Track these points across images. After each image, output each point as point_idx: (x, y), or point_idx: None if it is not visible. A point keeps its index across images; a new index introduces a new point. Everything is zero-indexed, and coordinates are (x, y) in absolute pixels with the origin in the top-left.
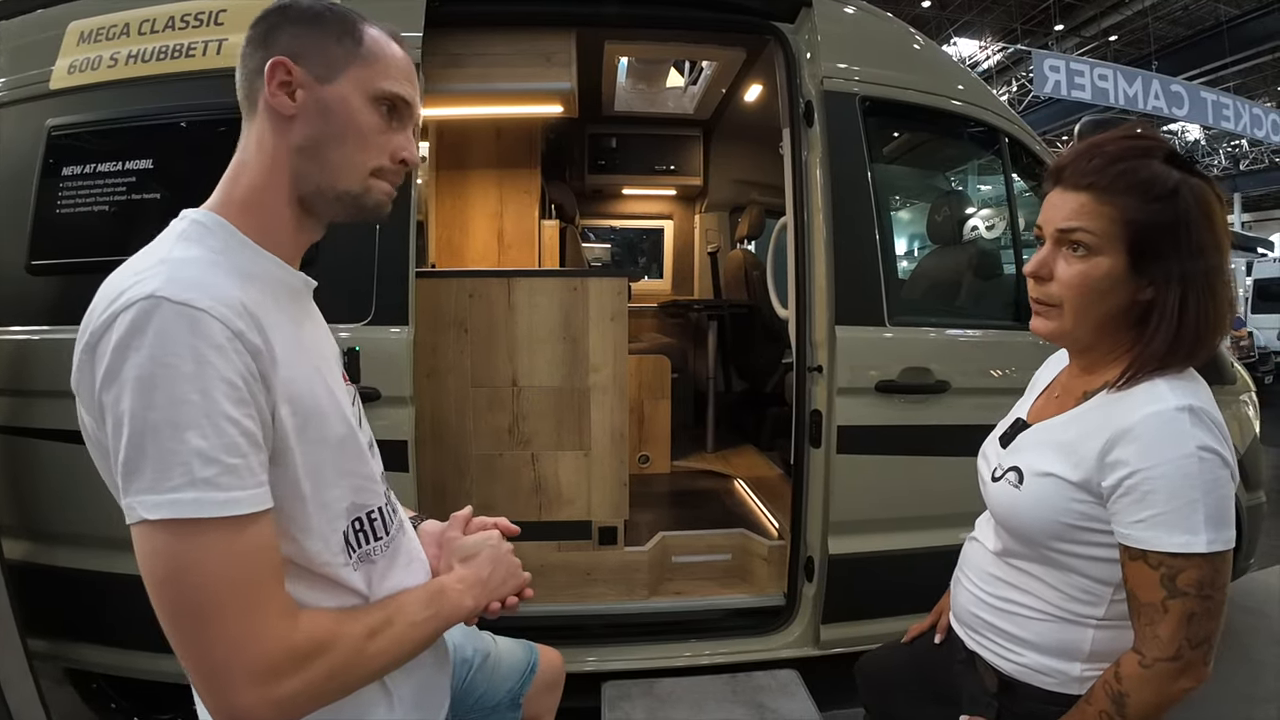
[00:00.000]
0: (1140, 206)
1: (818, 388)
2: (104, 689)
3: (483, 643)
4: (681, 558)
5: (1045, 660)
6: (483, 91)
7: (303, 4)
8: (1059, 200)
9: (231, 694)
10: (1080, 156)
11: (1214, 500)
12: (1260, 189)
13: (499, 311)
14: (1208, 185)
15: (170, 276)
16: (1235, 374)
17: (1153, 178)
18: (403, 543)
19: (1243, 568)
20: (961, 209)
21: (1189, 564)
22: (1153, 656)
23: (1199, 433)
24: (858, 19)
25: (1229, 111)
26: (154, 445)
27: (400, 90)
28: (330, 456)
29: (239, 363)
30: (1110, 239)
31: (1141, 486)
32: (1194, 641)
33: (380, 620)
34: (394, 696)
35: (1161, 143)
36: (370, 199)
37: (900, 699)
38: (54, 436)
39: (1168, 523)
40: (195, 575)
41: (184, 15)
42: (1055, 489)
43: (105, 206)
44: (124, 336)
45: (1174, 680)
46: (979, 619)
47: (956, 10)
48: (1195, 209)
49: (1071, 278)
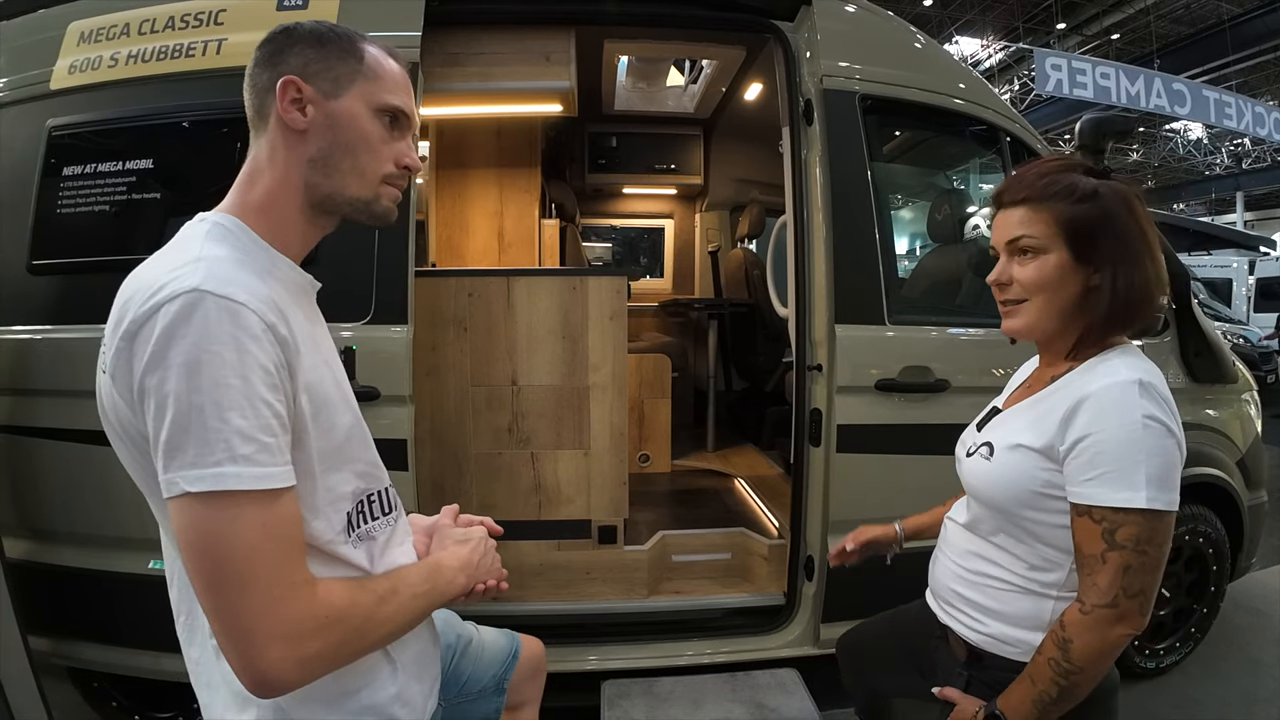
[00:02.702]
0: (1070, 207)
1: (818, 386)
2: (105, 688)
3: (466, 630)
4: (681, 557)
5: (1010, 630)
6: (482, 91)
7: (306, 26)
8: (1003, 218)
9: (259, 654)
10: (1013, 181)
11: (1157, 464)
12: (1262, 188)
13: (498, 310)
14: (1125, 185)
15: (209, 273)
16: (1237, 373)
17: (1075, 183)
18: (402, 523)
19: (1244, 567)
20: (962, 208)
21: (1128, 519)
22: (1091, 603)
23: (1146, 403)
24: (858, 17)
25: (1231, 110)
26: (198, 424)
27: (400, 103)
28: (340, 444)
29: (272, 352)
30: (1051, 238)
31: (1092, 448)
32: (1130, 591)
33: (387, 590)
34: (396, 664)
35: (1080, 161)
36: (380, 205)
37: (880, 671)
38: (55, 436)
39: (1112, 481)
40: (230, 543)
41: (184, 15)
42: (1023, 458)
43: (106, 206)
44: (169, 325)
45: (1111, 625)
46: (953, 592)
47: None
48: (1116, 202)
49: (1028, 276)
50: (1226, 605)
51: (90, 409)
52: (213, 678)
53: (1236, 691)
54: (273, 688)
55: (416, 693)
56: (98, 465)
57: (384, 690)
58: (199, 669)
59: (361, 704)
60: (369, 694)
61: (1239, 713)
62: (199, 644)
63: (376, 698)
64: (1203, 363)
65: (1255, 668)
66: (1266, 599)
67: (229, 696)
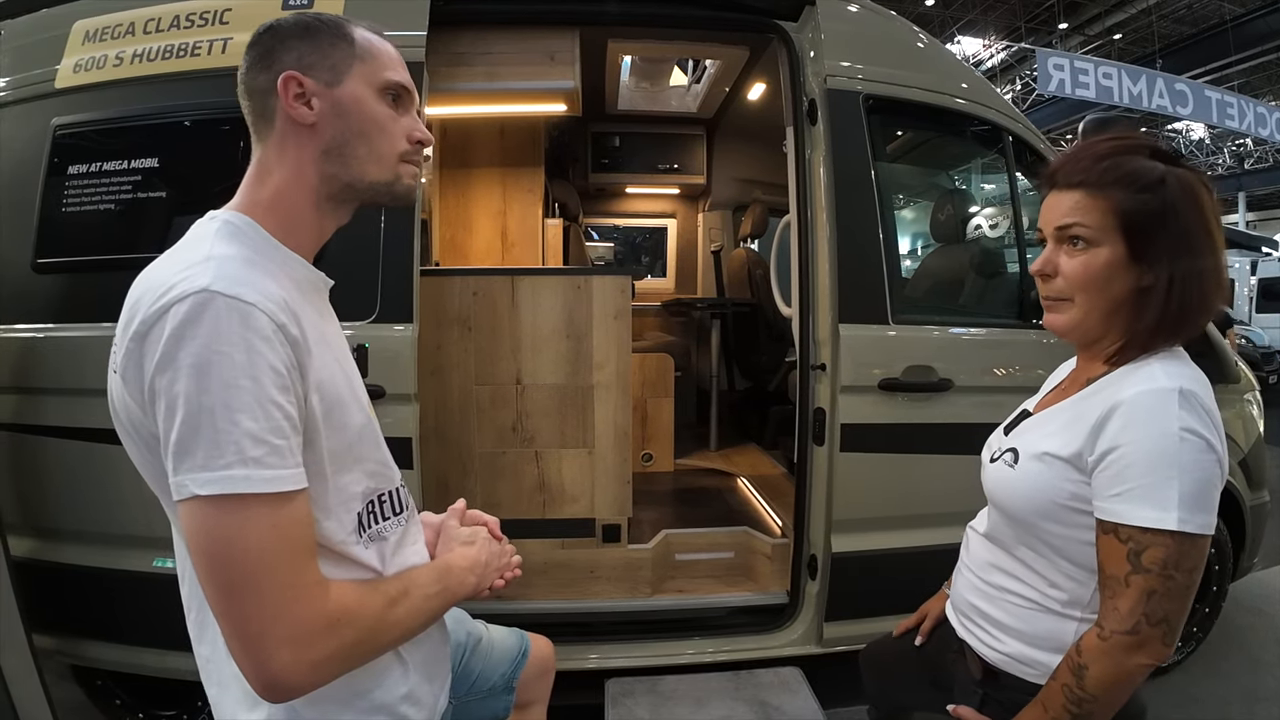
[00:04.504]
0: (1130, 197)
1: (821, 386)
2: (109, 685)
3: (475, 628)
4: (685, 555)
5: (1029, 651)
6: (487, 90)
7: (289, 20)
8: (1055, 201)
9: (270, 657)
10: (1071, 159)
11: (1192, 482)
12: (1265, 188)
13: (503, 310)
14: (1193, 175)
15: (219, 273)
16: (1239, 373)
17: (1139, 170)
18: (413, 523)
19: (1246, 567)
20: (965, 207)
21: (1156, 540)
22: (1110, 629)
23: (1185, 414)
24: (861, 17)
25: (1233, 110)
26: (208, 426)
27: (400, 78)
28: (351, 443)
29: (283, 353)
30: (1106, 230)
31: (1121, 461)
32: (1153, 619)
33: (398, 591)
34: (408, 665)
35: (1147, 141)
36: (401, 185)
37: (901, 684)
38: (59, 434)
39: (1140, 497)
40: (240, 547)
41: (188, 14)
42: (1049, 468)
43: (110, 205)
44: (179, 326)
45: (1130, 654)
46: (972, 606)
47: (960, 8)
48: (1181, 196)
49: (1074, 270)
50: (1228, 604)
51: (95, 407)
52: (223, 675)
53: (1238, 690)
54: (285, 691)
55: (427, 692)
56: (102, 463)
57: (395, 690)
58: (209, 666)
59: (373, 703)
60: (380, 694)
61: (1240, 711)
62: (209, 641)
63: (388, 697)
64: (1205, 363)
65: (1256, 666)
66: (1268, 599)
67: (240, 694)
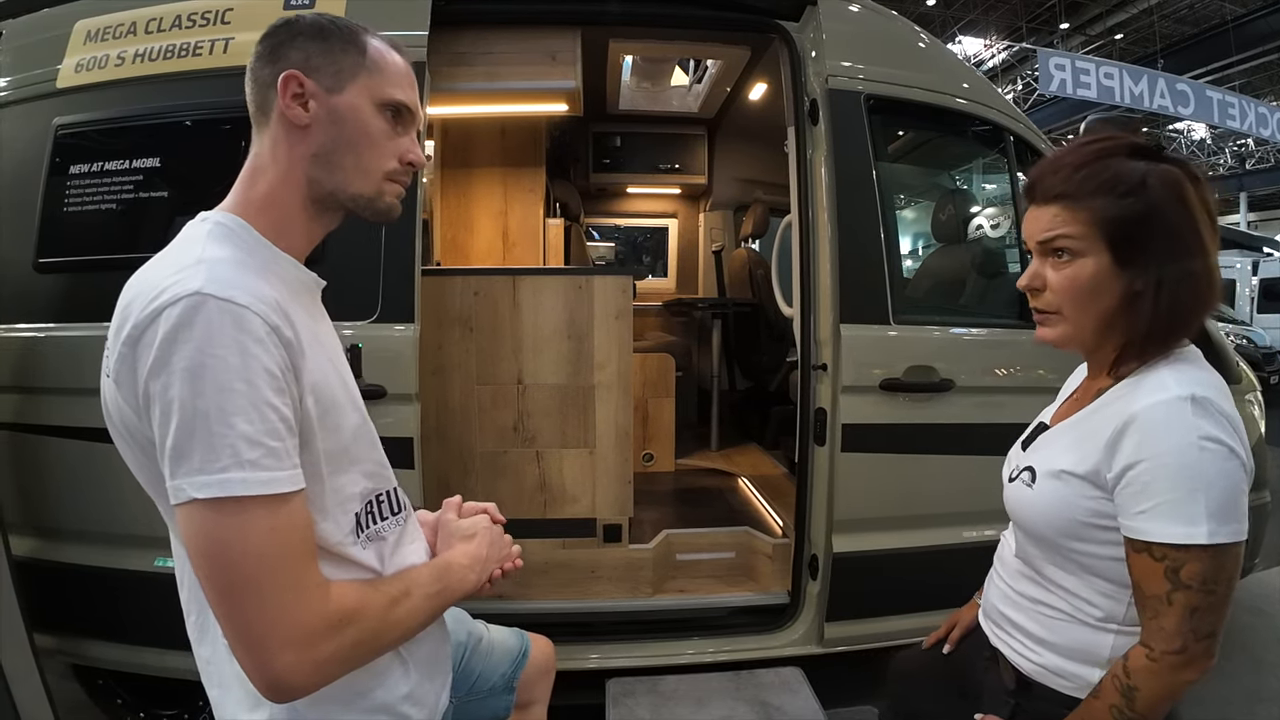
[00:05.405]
0: (1111, 204)
1: (822, 386)
2: (110, 685)
3: (476, 628)
4: (685, 555)
5: (1064, 663)
6: (488, 90)
7: (308, 19)
8: (1035, 215)
9: (272, 659)
10: (1048, 169)
11: (1218, 491)
12: (1266, 188)
13: (504, 309)
14: (1178, 169)
15: (211, 275)
16: (1240, 373)
17: (1119, 174)
18: (412, 523)
19: (1247, 567)
20: (966, 208)
21: (1191, 556)
22: (1160, 650)
23: (1202, 422)
24: (863, 17)
25: (1234, 110)
26: (203, 430)
27: (404, 97)
28: (347, 444)
29: (277, 355)
30: (1090, 240)
31: (1142, 477)
32: (1199, 634)
33: (399, 591)
34: (409, 664)
35: (1123, 139)
36: (383, 202)
37: (926, 692)
38: (60, 433)
39: (1168, 514)
40: (239, 550)
41: (190, 14)
42: (1066, 486)
43: (112, 205)
44: (171, 330)
45: (1179, 672)
46: (1004, 615)
47: (961, 8)
48: (1165, 196)
49: (1061, 283)
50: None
51: (96, 407)
52: (224, 676)
53: (1239, 690)
54: (287, 692)
55: (429, 691)
56: (103, 463)
57: (396, 689)
58: (210, 668)
59: (374, 703)
60: (382, 693)
61: (1241, 711)
62: (210, 642)
63: (389, 697)
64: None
65: (1258, 666)
66: (1270, 599)
67: (241, 695)
